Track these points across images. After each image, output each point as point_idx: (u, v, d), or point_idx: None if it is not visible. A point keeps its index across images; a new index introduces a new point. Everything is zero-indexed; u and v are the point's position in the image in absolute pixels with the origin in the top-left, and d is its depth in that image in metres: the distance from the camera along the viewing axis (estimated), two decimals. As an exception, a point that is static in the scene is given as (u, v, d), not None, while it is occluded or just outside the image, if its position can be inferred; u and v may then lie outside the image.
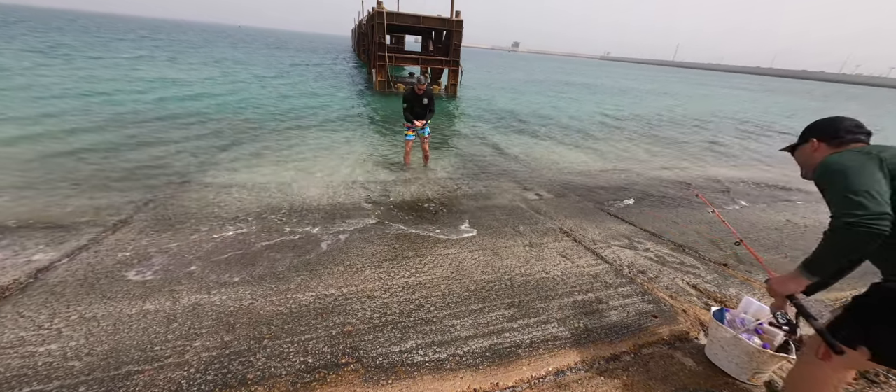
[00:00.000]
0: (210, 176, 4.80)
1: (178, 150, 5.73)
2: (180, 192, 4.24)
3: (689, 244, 3.68)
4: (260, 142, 6.61)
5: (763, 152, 9.23)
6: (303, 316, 2.24)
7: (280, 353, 1.94)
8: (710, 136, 10.88)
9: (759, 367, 1.77)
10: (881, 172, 1.12)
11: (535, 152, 7.45)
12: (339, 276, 2.71)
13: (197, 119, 7.76)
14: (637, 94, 23.69)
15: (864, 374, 1.96)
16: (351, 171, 5.46)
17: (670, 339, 2.18)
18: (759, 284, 2.97)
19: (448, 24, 13.97)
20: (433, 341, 2.08)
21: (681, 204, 4.95)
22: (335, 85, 15.32)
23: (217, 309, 2.27)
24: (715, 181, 6.24)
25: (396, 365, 1.89)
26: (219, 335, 2.04)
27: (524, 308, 2.44)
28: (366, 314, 2.29)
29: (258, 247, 3.09)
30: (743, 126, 13.52)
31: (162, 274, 2.62)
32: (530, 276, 2.85)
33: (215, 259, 2.86)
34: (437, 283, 2.68)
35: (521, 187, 5.22)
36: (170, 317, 2.18)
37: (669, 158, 7.81)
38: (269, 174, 5.04)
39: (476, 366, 1.91)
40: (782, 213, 4.75)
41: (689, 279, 2.96)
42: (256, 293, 2.45)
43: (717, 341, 1.93)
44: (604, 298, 2.61)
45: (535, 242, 3.47)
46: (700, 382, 1.85)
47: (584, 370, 1.92)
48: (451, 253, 3.17)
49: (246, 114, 8.70)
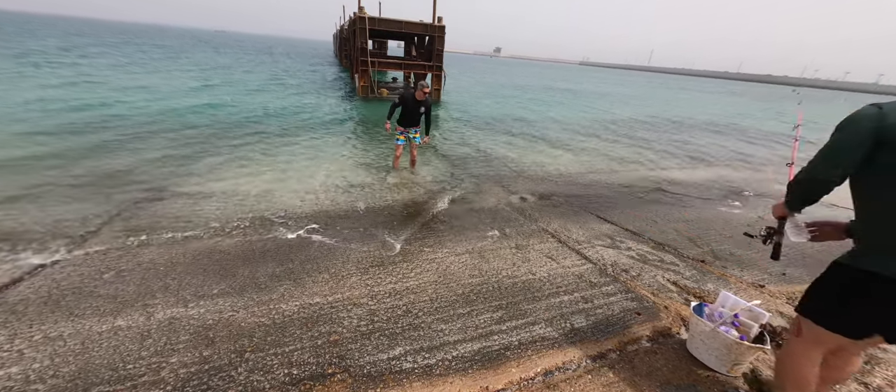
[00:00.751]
0: (187, 185, 4.63)
1: (153, 160, 5.49)
2: (155, 202, 4.07)
3: (669, 242, 3.80)
4: (240, 149, 6.42)
5: (735, 151, 9.66)
6: (286, 326, 2.18)
7: (263, 365, 1.87)
8: (685, 137, 11.31)
9: (737, 358, 1.84)
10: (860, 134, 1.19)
11: (520, 155, 7.54)
12: (323, 284, 2.66)
13: (173, 127, 7.48)
14: (616, 97, 24.41)
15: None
16: (335, 176, 5.38)
17: (653, 336, 2.24)
18: (734, 279, 3.08)
19: (430, 29, 14.04)
20: (422, 347, 2.06)
21: (659, 203, 5.11)
22: (317, 90, 15.11)
23: (195, 323, 2.18)
24: (688, 182, 6.48)
25: (385, 373, 1.86)
26: (197, 350, 1.96)
27: (512, 310, 2.45)
28: (352, 322, 2.24)
29: (238, 257, 2.99)
30: (713, 127, 14.13)
31: (135, 288, 2.49)
32: (517, 278, 2.87)
33: (193, 271, 2.75)
34: (425, 288, 2.66)
35: (507, 190, 5.26)
36: (144, 333, 2.08)
37: (648, 159, 8.06)
38: (249, 182, 4.90)
39: (465, 370, 1.90)
40: (753, 211, 4.97)
41: (669, 276, 3.05)
42: (237, 305, 2.37)
43: (698, 335, 1.99)
44: (589, 298, 2.65)
45: (521, 244, 3.50)
46: (683, 377, 1.91)
47: (572, 369, 1.94)
48: (439, 257, 3.16)
49: (225, 121, 8.45)
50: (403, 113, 5.18)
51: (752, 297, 2.75)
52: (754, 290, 2.90)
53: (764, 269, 3.32)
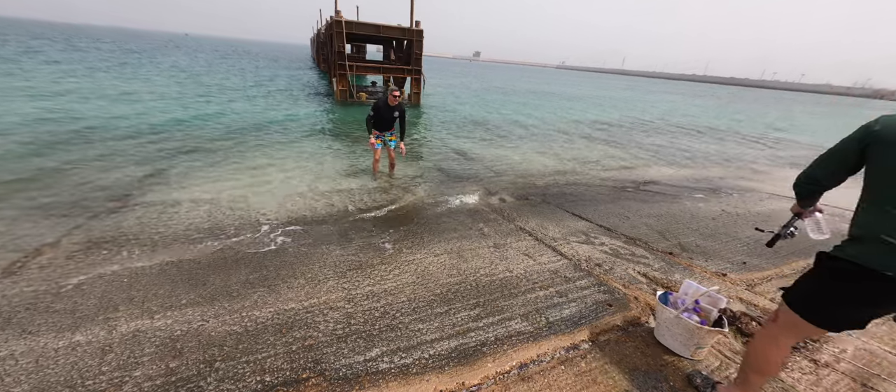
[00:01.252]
0: (155, 195, 4.44)
1: (119, 169, 5.24)
2: (119, 213, 3.88)
3: (640, 236, 3.95)
4: (214, 156, 6.22)
5: (701, 152, 10.15)
6: (260, 333, 2.13)
7: (234, 374, 1.82)
8: (656, 139, 11.79)
9: (698, 342, 1.94)
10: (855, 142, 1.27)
11: (499, 157, 7.65)
12: (299, 289, 2.61)
13: (141, 135, 7.16)
14: (591, 100, 25.17)
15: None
16: (312, 181, 5.29)
17: (624, 325, 2.32)
18: (699, 269, 3.24)
19: (408, 33, 14.08)
20: (399, 347, 2.06)
21: (632, 199, 5.30)
22: (294, 94, 14.82)
23: (161, 334, 2.09)
24: (659, 179, 6.77)
25: (361, 374, 1.85)
26: (163, 362, 1.89)
27: (489, 307, 2.49)
28: (328, 326, 2.22)
29: (209, 266, 2.90)
30: (684, 128, 14.80)
31: (95, 301, 2.38)
32: (495, 276, 2.92)
33: (160, 281, 2.64)
34: (403, 289, 2.66)
35: (486, 191, 5.33)
36: (105, 347, 1.98)
37: (622, 158, 8.36)
38: (222, 189, 4.75)
39: (442, 367, 1.92)
40: (718, 205, 5.24)
41: (639, 268, 3.17)
42: (207, 314, 2.29)
43: (663, 322, 2.09)
44: (564, 292, 2.72)
45: (499, 243, 3.56)
46: (649, 362, 1.99)
47: (546, 361, 1.99)
48: (417, 258, 3.17)
49: (198, 127, 8.16)
50: (377, 119, 5.21)
51: (715, 285, 2.90)
52: (717, 278, 3.06)
53: (726, 259, 3.51)
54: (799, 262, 3.45)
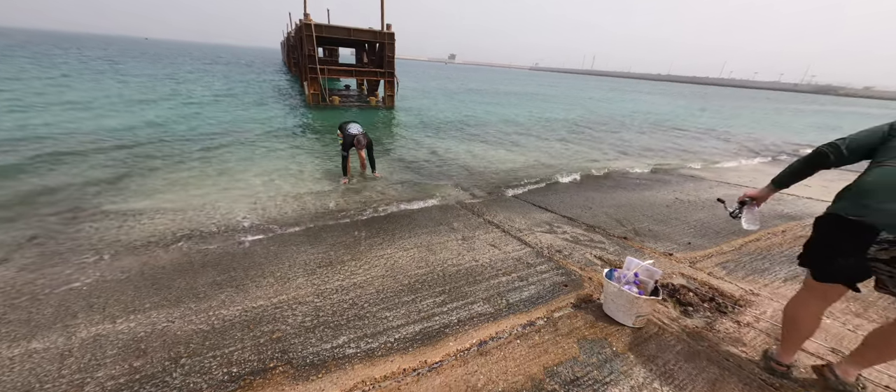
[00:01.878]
0: (116, 203, 4.30)
1: (76, 178, 5.01)
2: (76, 222, 3.75)
3: (599, 224, 4.22)
4: (180, 161, 6.04)
5: (661, 146, 10.79)
6: (227, 330, 2.17)
7: (200, 368, 1.86)
8: (621, 134, 12.40)
9: (638, 310, 2.15)
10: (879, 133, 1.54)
11: (471, 155, 7.85)
12: (268, 287, 2.65)
13: (102, 143, 6.84)
14: (561, 99, 26.01)
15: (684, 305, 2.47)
16: (283, 184, 5.27)
17: (577, 302, 2.52)
18: (650, 250, 3.52)
19: (380, 36, 14.11)
20: (365, 334, 2.15)
21: (595, 191, 5.61)
22: (265, 99, 14.49)
23: (124, 337, 2.09)
24: (620, 171, 7.17)
25: (328, 360, 1.93)
26: (126, 362, 1.90)
27: (454, 293, 2.62)
28: (297, 319, 2.28)
29: (175, 270, 2.88)
30: (643, 124, 15.62)
31: (52, 311, 2.33)
32: (461, 266, 3.06)
33: (121, 288, 2.61)
34: (372, 282, 2.76)
35: (457, 188, 5.49)
36: (64, 353, 1.96)
37: (586, 153, 8.77)
38: (189, 195, 4.65)
39: (406, 349, 2.03)
40: (663, 194, 5.64)
41: (596, 252, 3.41)
42: (172, 316, 2.30)
43: (609, 296, 2.29)
44: (525, 276, 2.90)
45: (467, 236, 3.71)
46: (597, 332, 2.19)
47: (504, 337, 2.14)
48: (387, 253, 3.26)
49: (164, 133, 7.87)
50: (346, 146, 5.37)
51: (663, 264, 3.16)
52: (664, 257, 3.34)
53: (674, 240, 3.82)
54: (736, 241, 3.81)
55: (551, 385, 1.79)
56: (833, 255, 1.51)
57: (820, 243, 1.58)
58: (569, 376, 1.84)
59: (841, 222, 1.47)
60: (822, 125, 21.32)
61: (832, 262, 1.52)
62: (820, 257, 1.58)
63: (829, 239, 1.54)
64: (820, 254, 1.58)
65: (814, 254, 1.61)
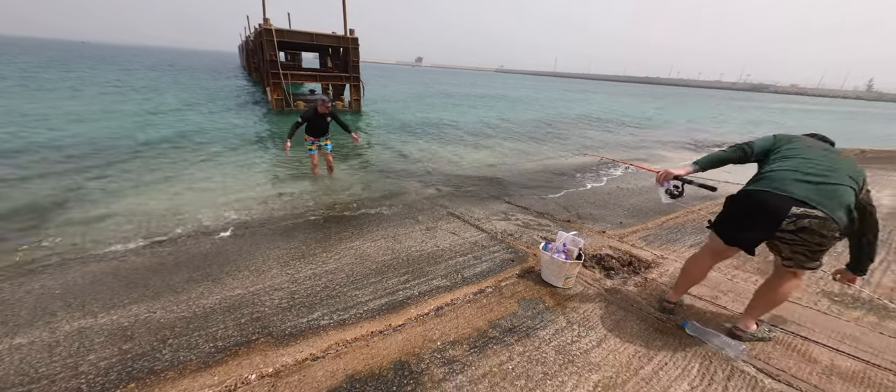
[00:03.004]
0: (78, 210, 4.26)
1: (35, 187, 4.84)
2: (37, 229, 3.72)
3: (548, 211, 4.75)
4: (142, 168, 5.93)
5: (610, 141, 11.77)
6: (209, 315, 2.39)
7: (187, 345, 2.10)
8: (576, 131, 13.33)
9: (566, 273, 2.62)
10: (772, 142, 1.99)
11: (436, 155, 8.25)
12: (244, 279, 2.88)
13: (58, 149, 6.51)
14: (523, 101, 27.14)
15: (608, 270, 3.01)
16: (252, 187, 5.37)
17: (521, 273, 2.97)
18: (587, 229, 4.07)
19: (343, 41, 14.20)
20: (337, 308, 2.46)
21: (548, 184, 6.20)
22: (229, 106, 14.08)
23: (108, 327, 2.26)
24: (571, 166, 7.87)
25: (304, 330, 2.23)
26: (115, 346, 2.09)
27: (416, 273, 2.98)
28: (274, 302, 2.55)
29: (149, 270, 3.02)
30: (600, 121, 16.82)
31: (28, 311, 2.43)
32: (424, 251, 3.43)
33: (96, 289, 2.73)
34: (342, 269, 3.05)
35: (422, 185, 5.86)
36: (50, 344, 2.11)
37: (543, 150, 9.45)
38: (156, 201, 4.67)
39: (373, 316, 2.37)
40: (604, 185, 6.34)
41: (542, 234, 3.91)
42: (153, 307, 2.48)
43: (545, 264, 2.76)
44: (479, 256, 3.32)
45: (431, 226, 4.08)
46: (534, 293, 2.64)
47: (458, 303, 2.53)
48: (356, 245, 3.56)
49: (123, 141, 7.57)
50: (310, 126, 5.32)
51: (597, 240, 3.71)
52: (598, 234, 3.89)
53: (610, 221, 4.41)
54: (660, 218, 4.46)
55: (494, 333, 2.20)
56: (745, 225, 1.82)
57: (737, 215, 1.87)
58: (508, 326, 2.27)
59: (763, 200, 1.74)
60: (762, 120, 23.86)
61: (742, 231, 1.83)
62: (731, 226, 1.90)
63: (746, 212, 1.82)
64: (733, 223, 1.89)
65: (727, 223, 1.93)
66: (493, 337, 2.17)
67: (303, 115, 5.20)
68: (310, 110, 5.24)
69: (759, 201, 1.76)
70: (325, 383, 1.81)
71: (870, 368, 1.93)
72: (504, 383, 1.82)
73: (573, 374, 1.88)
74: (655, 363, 1.96)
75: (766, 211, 1.72)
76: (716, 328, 2.19)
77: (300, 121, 5.15)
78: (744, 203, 1.84)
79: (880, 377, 1.87)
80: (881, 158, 9.26)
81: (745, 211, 1.83)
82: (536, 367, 1.92)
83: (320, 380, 1.83)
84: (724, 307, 2.48)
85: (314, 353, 2.01)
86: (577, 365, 1.94)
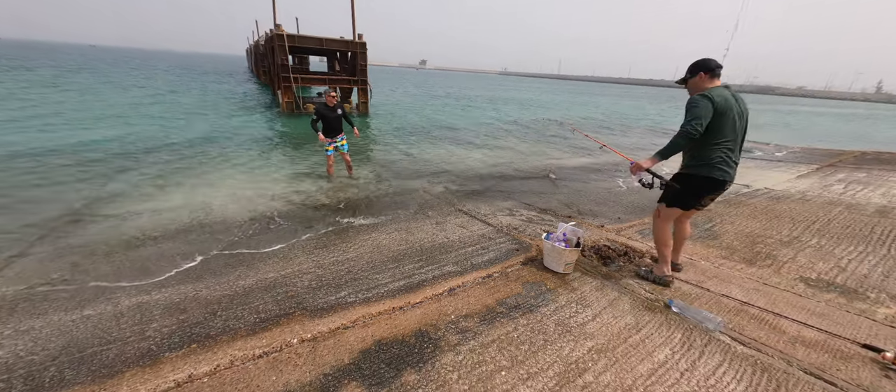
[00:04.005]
0: (111, 208, 4.61)
1: (68, 188, 5.23)
2: (78, 223, 4.08)
3: (551, 207, 5.03)
4: (165, 170, 6.30)
5: (609, 141, 12.01)
6: (249, 293, 2.71)
7: (235, 316, 2.41)
8: (574, 134, 13.59)
9: (566, 260, 2.91)
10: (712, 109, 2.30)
11: (443, 155, 8.56)
12: (274, 264, 3.20)
13: (84, 152, 6.92)
14: (525, 103, 27.43)
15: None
16: (272, 186, 5.71)
17: (525, 261, 3.26)
18: (587, 224, 4.35)
19: (352, 45, 14.59)
20: (361, 288, 2.77)
21: (551, 182, 6.48)
22: (241, 107, 14.55)
23: (163, 302, 2.59)
24: (573, 166, 8.14)
25: (334, 306, 2.54)
26: (173, 316, 2.41)
27: (429, 260, 3.28)
28: (304, 283, 2.86)
29: (182, 256, 3.35)
30: (598, 123, 17.06)
31: (89, 290, 2.76)
32: (435, 242, 3.73)
33: (144, 271, 3.07)
34: (362, 257, 3.36)
35: (431, 183, 6.16)
36: (116, 315, 2.44)
37: (546, 151, 9.73)
38: (181, 198, 5.02)
39: (393, 295, 2.67)
40: (605, 183, 6.62)
41: (545, 227, 4.19)
42: (199, 287, 2.81)
43: (546, 252, 3.04)
44: (487, 246, 3.61)
45: (440, 221, 4.38)
46: (536, 277, 2.92)
47: (468, 286, 2.83)
48: (372, 236, 3.87)
49: (144, 143, 7.98)
50: (325, 124, 5.63)
51: (596, 233, 3.98)
52: (598, 228, 4.17)
53: (608, 216, 4.69)
54: (656, 215, 4.73)
55: (501, 309, 2.49)
56: (701, 198, 2.60)
57: (699, 193, 2.57)
58: (513, 304, 2.56)
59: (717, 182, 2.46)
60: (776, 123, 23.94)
61: (698, 201, 2.62)
62: (693, 200, 2.62)
63: (699, 189, 2.54)
64: (695, 199, 2.61)
65: (690, 199, 2.60)
66: (500, 312, 2.46)
67: (316, 112, 5.56)
68: (320, 106, 5.60)
69: (714, 183, 2.48)
70: (357, 346, 2.11)
71: (830, 338, 2.19)
72: (510, 347, 2.11)
73: (570, 341, 2.16)
74: (643, 334, 2.24)
75: (716, 189, 2.53)
76: (696, 305, 2.47)
77: (316, 118, 5.53)
78: (705, 185, 2.51)
79: (838, 345, 2.14)
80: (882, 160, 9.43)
81: (705, 191, 2.55)
82: (538, 336, 2.21)
83: (352, 343, 2.13)
84: (708, 289, 2.76)
85: (345, 324, 2.32)
86: (573, 334, 2.23)
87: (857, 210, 4.78)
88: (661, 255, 2.79)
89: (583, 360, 2.02)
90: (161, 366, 1.96)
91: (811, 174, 7.28)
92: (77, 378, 1.88)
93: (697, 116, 2.30)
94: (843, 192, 5.73)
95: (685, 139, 2.35)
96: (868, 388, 1.82)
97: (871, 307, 2.54)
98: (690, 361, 2.00)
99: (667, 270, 2.80)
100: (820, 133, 19.15)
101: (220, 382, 1.84)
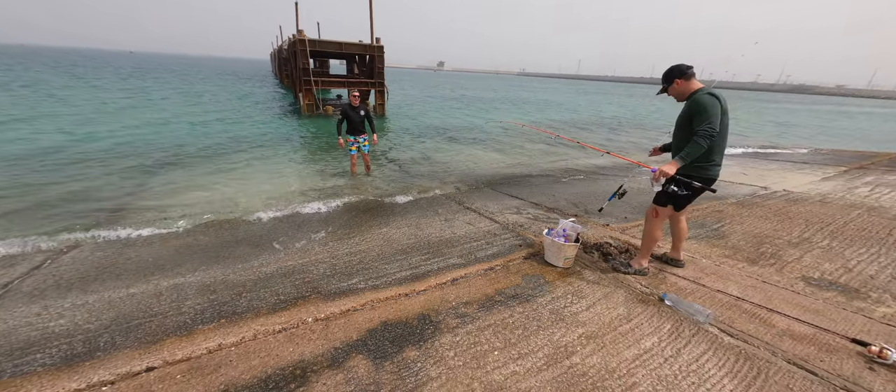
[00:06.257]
0: (149, 200, 5.06)
1: (105, 182, 5.75)
2: (119, 217, 4.51)
3: (558, 207, 5.13)
4: (197, 167, 6.80)
5: (618, 143, 11.86)
6: (270, 278, 2.98)
7: (258, 297, 2.68)
8: (587, 134, 13.47)
9: (565, 254, 3.04)
10: (720, 109, 2.40)
11: (456, 156, 8.75)
12: (294, 253, 3.47)
13: (121, 151, 7.55)
14: (540, 104, 27.24)
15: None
16: (293, 182, 6.07)
17: (527, 256, 3.40)
18: (592, 223, 4.43)
19: (370, 49, 15.02)
20: (371, 277, 2.99)
21: (559, 182, 6.55)
22: (263, 109, 15.26)
23: (195, 283, 2.90)
24: (581, 167, 8.15)
25: (346, 291, 2.77)
26: (204, 296, 2.70)
27: (436, 253, 3.48)
28: (320, 271, 3.11)
29: (216, 245, 3.68)
30: (608, 125, 16.79)
31: (132, 272, 3.11)
32: (442, 237, 3.92)
33: (178, 259, 3.40)
34: (373, 249, 3.60)
35: (442, 182, 6.37)
36: (155, 294, 2.76)
37: (555, 151, 9.75)
38: (210, 193, 5.43)
39: (400, 283, 2.88)
40: (614, 184, 6.61)
41: (550, 225, 4.30)
42: (226, 271, 3.11)
43: (547, 247, 3.18)
44: (491, 241, 3.78)
45: (449, 218, 4.57)
46: (536, 270, 3.07)
47: (471, 277, 3.00)
48: (383, 231, 4.10)
49: (176, 142, 8.60)
50: (349, 124, 6.01)
51: (601, 231, 4.07)
52: (602, 227, 4.25)
53: (614, 216, 4.75)
54: (664, 215, 4.74)
55: (499, 298, 2.65)
56: (688, 198, 2.70)
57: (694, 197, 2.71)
58: (512, 294, 2.72)
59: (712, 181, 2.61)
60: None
61: (686, 202, 2.74)
62: (686, 202, 2.77)
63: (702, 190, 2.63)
64: (689, 202, 2.76)
65: (684, 201, 2.74)
66: (499, 301, 2.62)
67: (342, 113, 5.95)
68: (345, 106, 5.95)
69: (712, 182, 2.63)
70: (365, 326, 2.33)
71: (820, 332, 2.24)
72: (505, 331, 2.27)
73: (562, 328, 2.31)
74: (633, 323, 2.35)
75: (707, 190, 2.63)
76: (689, 299, 2.55)
77: (341, 118, 5.91)
78: (707, 185, 2.62)
79: (827, 339, 2.18)
80: (917, 162, 8.93)
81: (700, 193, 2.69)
82: (532, 322, 2.36)
83: (361, 323, 2.35)
84: (704, 285, 2.82)
85: (355, 306, 2.54)
86: (566, 322, 2.37)
87: (878, 213, 4.64)
88: (645, 249, 2.97)
89: (572, 344, 2.16)
90: (195, 336, 2.24)
91: (837, 176, 7.03)
92: (126, 343, 2.18)
93: (713, 117, 2.35)
94: (867, 195, 5.54)
95: (707, 141, 2.35)
96: (849, 378, 1.87)
97: (871, 306, 2.55)
98: (676, 349, 2.11)
99: (645, 263, 3.00)
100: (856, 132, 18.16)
101: (245, 351, 2.09)
